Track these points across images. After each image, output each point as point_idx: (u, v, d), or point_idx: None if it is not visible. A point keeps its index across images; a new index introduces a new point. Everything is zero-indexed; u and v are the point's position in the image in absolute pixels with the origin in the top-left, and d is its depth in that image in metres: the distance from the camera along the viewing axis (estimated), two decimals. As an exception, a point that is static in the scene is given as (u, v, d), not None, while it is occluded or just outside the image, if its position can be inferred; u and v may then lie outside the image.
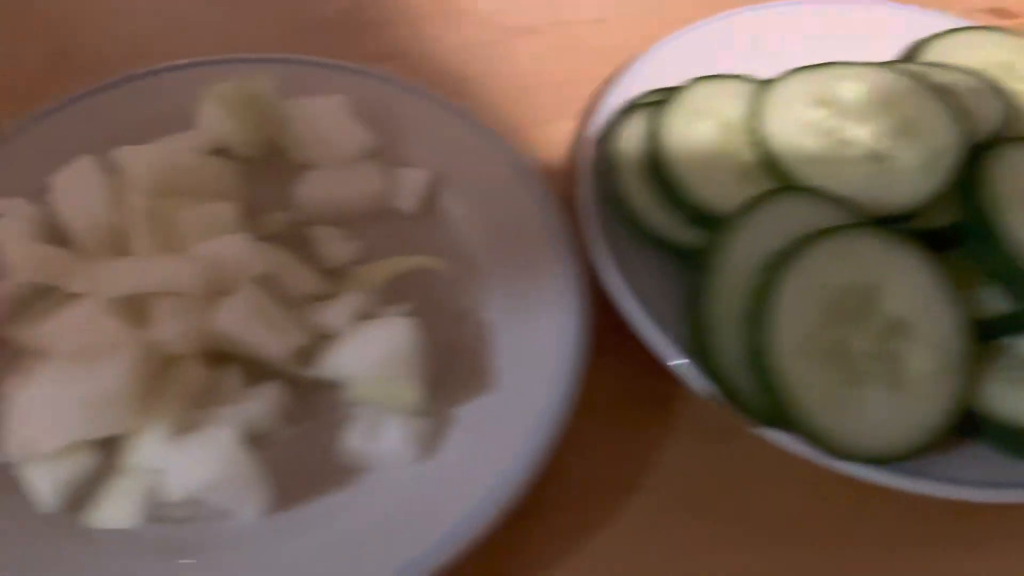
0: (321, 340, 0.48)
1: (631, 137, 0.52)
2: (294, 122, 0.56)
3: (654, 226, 0.49)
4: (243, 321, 0.45)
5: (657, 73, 0.59)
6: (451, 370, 0.48)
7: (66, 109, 0.56)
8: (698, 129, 0.50)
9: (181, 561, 0.42)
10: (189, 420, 0.44)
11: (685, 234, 0.49)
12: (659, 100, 0.54)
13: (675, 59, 0.60)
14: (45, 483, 0.42)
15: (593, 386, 0.47)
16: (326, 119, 0.56)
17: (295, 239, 0.52)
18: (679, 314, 0.48)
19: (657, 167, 0.49)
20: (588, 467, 0.47)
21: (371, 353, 0.45)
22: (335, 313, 0.47)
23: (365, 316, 0.48)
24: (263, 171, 0.56)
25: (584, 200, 0.52)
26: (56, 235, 0.50)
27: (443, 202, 0.56)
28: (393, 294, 0.51)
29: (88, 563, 0.41)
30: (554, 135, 0.63)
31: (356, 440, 0.45)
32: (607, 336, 0.48)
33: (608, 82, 0.61)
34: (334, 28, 0.69)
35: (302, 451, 0.46)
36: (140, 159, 0.50)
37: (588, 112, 0.62)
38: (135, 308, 0.46)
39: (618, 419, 0.49)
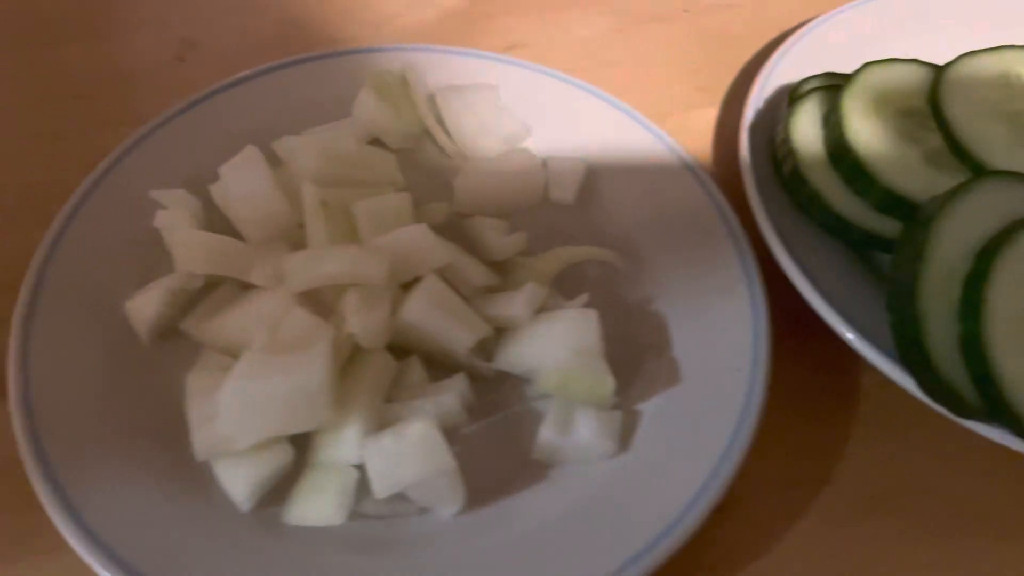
0: (498, 333, 0.47)
1: (805, 123, 0.51)
2: (446, 112, 0.55)
3: (839, 214, 0.47)
4: (429, 312, 0.44)
5: (808, 59, 0.58)
6: (632, 363, 0.47)
7: (212, 99, 0.55)
8: (879, 114, 0.49)
9: (377, 558, 0.41)
10: (383, 415, 0.43)
11: (873, 221, 0.47)
12: (826, 85, 0.52)
13: (824, 44, 0.59)
14: (240, 481, 0.41)
15: (774, 377, 0.45)
16: (478, 108, 0.55)
17: (456, 231, 0.51)
18: (859, 301, 0.46)
19: (840, 154, 0.48)
20: (779, 460, 0.46)
21: (560, 345, 0.44)
22: (515, 305, 0.46)
23: (542, 309, 0.47)
24: (416, 162, 0.55)
25: (750, 188, 0.51)
26: (218, 227, 0.49)
27: (600, 192, 0.54)
28: (562, 286, 0.50)
29: (282, 560, 0.40)
30: (693, 124, 0.61)
31: (548, 434, 0.43)
32: (782, 326, 0.47)
33: (753, 69, 0.59)
34: (457, 19, 0.68)
35: (489, 446, 0.45)
36: (307, 149, 0.49)
37: (731, 99, 0.61)
38: (319, 300, 0.45)
39: (803, 411, 0.48)
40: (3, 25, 0.64)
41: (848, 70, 0.53)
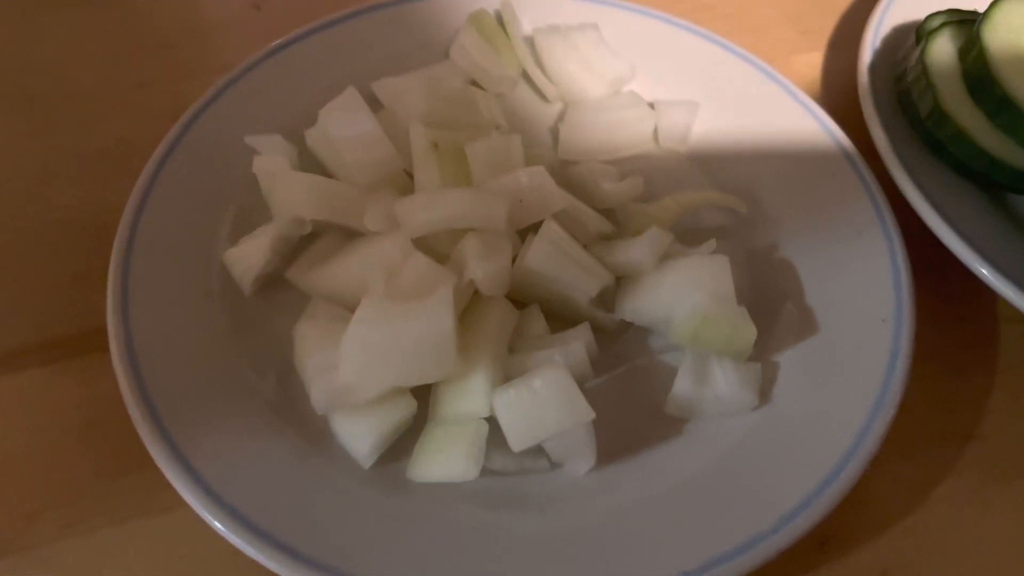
0: (618, 283, 0.44)
1: (941, 59, 0.48)
2: (546, 53, 0.52)
3: (986, 150, 0.44)
4: (552, 259, 0.42)
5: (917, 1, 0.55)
6: (764, 312, 0.44)
7: (299, 44, 0.52)
8: (1021, 46, 0.45)
9: (507, 515, 0.38)
10: (508, 366, 0.40)
11: (1021, 158, 0.44)
12: (956, 20, 0.49)
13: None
14: (363, 435, 0.38)
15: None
16: (580, 49, 0.52)
17: (563, 179, 0.48)
18: (995, 243, 0.44)
19: (984, 88, 0.45)
20: (923, 414, 0.43)
21: (693, 292, 0.41)
22: (638, 251, 0.43)
23: (665, 256, 0.44)
24: (513, 106, 0.52)
25: (876, 129, 0.48)
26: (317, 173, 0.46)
27: (713, 136, 0.51)
28: (680, 234, 0.47)
29: (407, 517, 0.37)
30: (798, 68, 0.58)
31: (684, 387, 0.40)
32: (918, 275, 0.44)
33: (856, 12, 0.57)
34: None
35: (616, 401, 0.42)
36: (413, 89, 0.46)
37: (836, 43, 0.58)
38: (430, 247, 0.42)
39: (944, 363, 0.45)
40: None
41: (969, 6, 0.50)
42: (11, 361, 0.43)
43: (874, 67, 0.52)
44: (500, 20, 0.53)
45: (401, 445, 0.39)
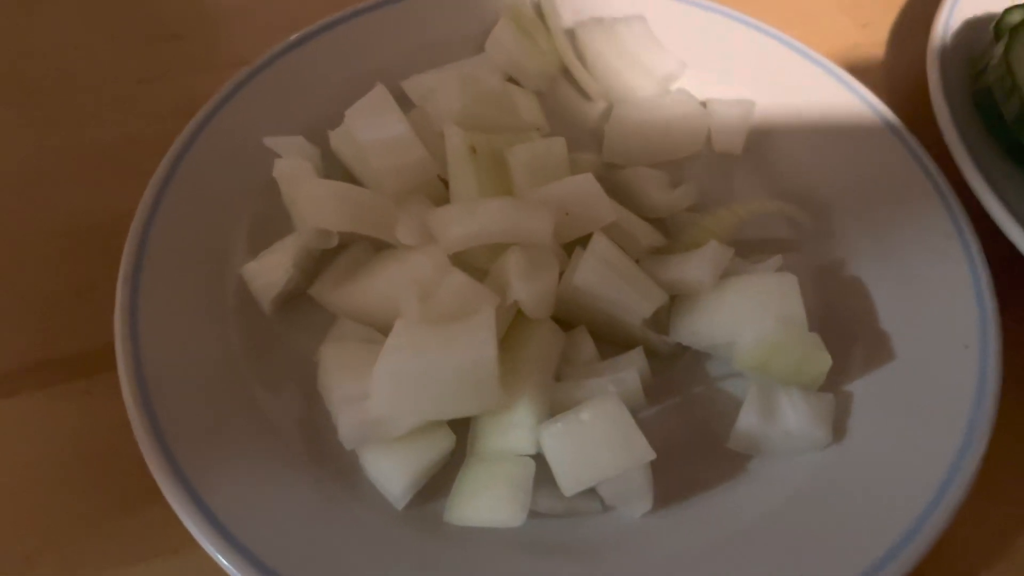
0: (672, 302, 0.40)
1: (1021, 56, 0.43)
2: (589, 47, 0.48)
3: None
4: (603, 276, 0.38)
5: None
6: (835, 337, 0.40)
7: (322, 36, 0.49)
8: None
9: (553, 564, 0.34)
10: (554, 396, 0.36)
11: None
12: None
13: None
14: (396, 473, 0.35)
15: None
16: (627, 43, 0.48)
17: (609, 185, 0.44)
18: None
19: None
20: (1009, 448, 0.39)
21: (760, 315, 0.38)
22: (696, 267, 0.39)
23: (726, 273, 0.40)
24: (552, 105, 0.48)
25: (951, 133, 0.44)
26: (337, 179, 0.43)
27: (772, 139, 0.47)
28: (738, 248, 0.43)
29: (443, 564, 0.34)
30: (861, 63, 0.54)
31: (750, 420, 0.37)
32: (1003, 290, 0.40)
33: (918, 4, 0.52)
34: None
35: (672, 433, 0.38)
36: (448, 86, 0.42)
37: (898, 36, 0.54)
38: (467, 263, 0.38)
39: (1031, 393, 0.41)
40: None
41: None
42: (6, 383, 0.40)
43: (944, 64, 0.48)
44: (539, 11, 0.50)
45: (438, 484, 0.36)
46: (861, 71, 0.54)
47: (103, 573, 0.35)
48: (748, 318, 0.38)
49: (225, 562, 0.32)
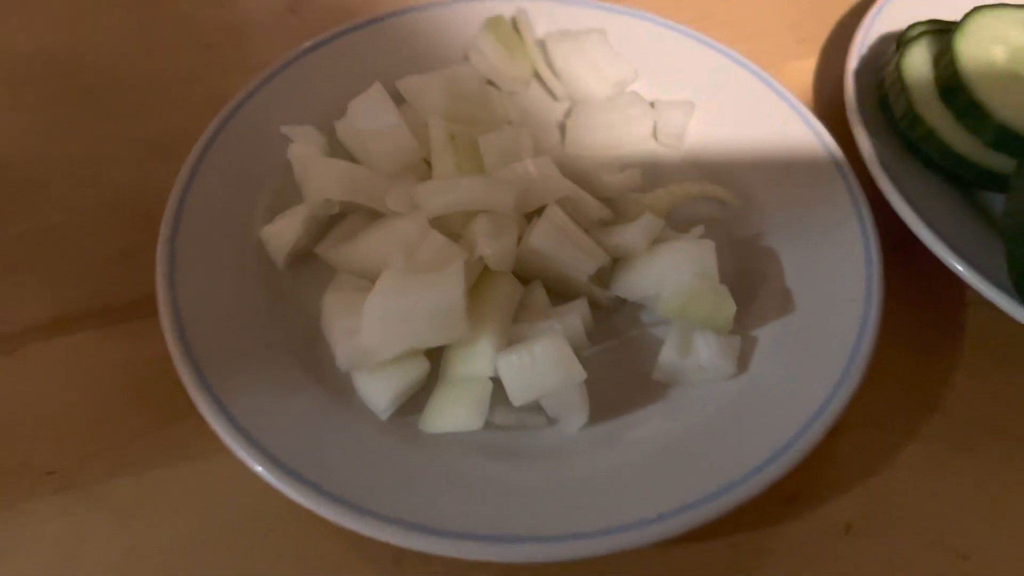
0: (614, 264, 0.48)
1: (916, 65, 0.52)
2: (556, 56, 0.57)
3: (954, 150, 0.49)
4: (554, 239, 0.46)
5: (908, 8, 0.59)
6: (746, 292, 0.48)
7: (332, 43, 0.57)
8: (992, 55, 0.50)
9: (507, 465, 0.42)
10: (511, 334, 0.45)
11: (987, 157, 0.48)
12: (934, 30, 0.53)
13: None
14: (381, 391, 0.43)
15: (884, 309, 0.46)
16: (588, 52, 0.56)
17: (569, 170, 0.53)
18: (966, 237, 0.48)
19: (953, 91, 0.49)
20: (887, 389, 0.47)
21: (681, 272, 0.46)
22: (632, 235, 0.48)
23: (657, 240, 0.49)
24: (525, 104, 0.57)
25: (857, 127, 0.52)
26: (344, 159, 0.51)
27: (707, 135, 0.56)
28: (673, 222, 0.51)
29: (418, 464, 0.41)
30: (793, 73, 0.63)
31: (670, 356, 0.45)
32: (886, 264, 0.48)
33: (851, 21, 0.60)
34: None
35: (609, 368, 0.46)
36: (434, 86, 0.51)
37: (829, 49, 0.62)
38: (446, 227, 0.47)
39: (910, 344, 0.49)
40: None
41: (950, 18, 0.54)
42: (68, 325, 0.47)
43: (859, 73, 0.56)
44: (515, 25, 0.58)
45: (415, 400, 0.44)
46: (795, 79, 0.62)
47: (145, 473, 0.42)
48: (672, 274, 0.46)
49: (248, 458, 0.39)
